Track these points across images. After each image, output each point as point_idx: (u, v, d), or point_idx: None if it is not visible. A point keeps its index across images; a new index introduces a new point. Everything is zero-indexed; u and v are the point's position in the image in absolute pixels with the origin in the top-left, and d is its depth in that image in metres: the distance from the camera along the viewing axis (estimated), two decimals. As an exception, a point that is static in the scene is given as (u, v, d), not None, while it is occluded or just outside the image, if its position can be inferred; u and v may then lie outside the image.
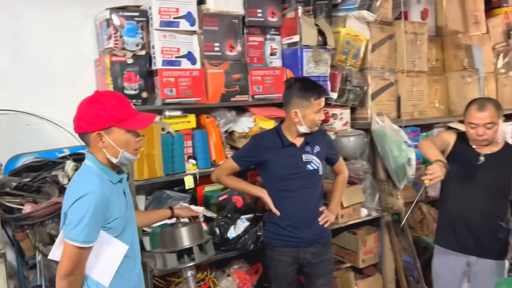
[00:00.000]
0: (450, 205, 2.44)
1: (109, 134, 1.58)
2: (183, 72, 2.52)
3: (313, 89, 2.18)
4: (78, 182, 1.58)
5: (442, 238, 2.52)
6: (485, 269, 2.37)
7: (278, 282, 2.31)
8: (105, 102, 1.57)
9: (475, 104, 2.31)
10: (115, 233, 1.59)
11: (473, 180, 2.33)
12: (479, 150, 2.37)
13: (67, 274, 1.51)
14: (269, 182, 2.30)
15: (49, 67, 2.55)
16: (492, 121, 2.26)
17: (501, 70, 3.96)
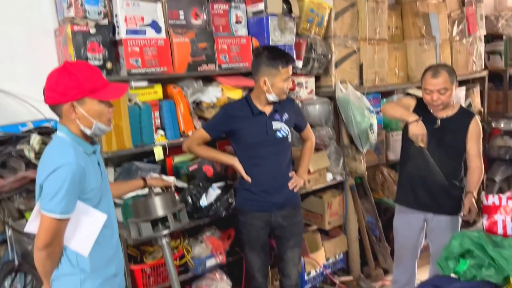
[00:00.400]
0: (409, 166, 2.58)
1: (82, 105, 1.56)
2: (148, 41, 2.47)
3: (281, 57, 2.21)
4: (53, 154, 1.56)
5: (402, 197, 2.68)
6: (441, 224, 2.56)
7: (250, 245, 2.40)
8: (76, 72, 1.54)
9: (429, 71, 2.44)
10: (92, 203, 1.60)
11: (430, 142, 2.47)
12: (436, 114, 2.51)
13: (45, 246, 1.52)
14: (240, 150, 2.35)
15: (5, 39, 2.43)
16: (445, 87, 2.38)
17: (455, 37, 4.12)
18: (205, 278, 2.71)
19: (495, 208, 2.19)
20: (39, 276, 1.73)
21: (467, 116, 2.52)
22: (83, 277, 1.61)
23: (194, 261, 2.59)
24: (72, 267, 1.60)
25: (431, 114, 2.52)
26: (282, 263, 2.48)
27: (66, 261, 1.60)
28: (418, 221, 2.64)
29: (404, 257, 2.76)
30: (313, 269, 3.14)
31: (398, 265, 2.83)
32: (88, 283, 1.61)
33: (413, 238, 2.69)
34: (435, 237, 2.61)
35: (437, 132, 2.47)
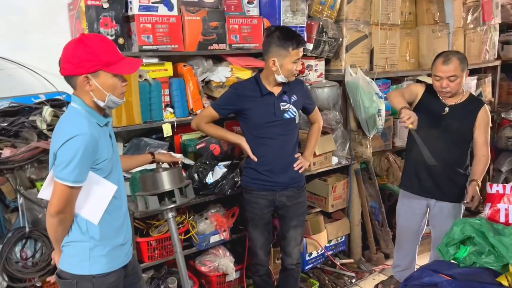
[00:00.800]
0: (414, 152, 2.59)
1: (96, 78, 1.59)
2: (160, 18, 2.49)
3: (291, 39, 2.21)
4: (67, 124, 1.59)
5: (406, 182, 2.70)
6: (443, 211, 2.59)
7: (254, 223, 2.45)
8: (92, 45, 1.56)
9: (440, 58, 2.44)
10: (103, 174, 1.64)
11: (437, 129, 2.49)
12: (445, 101, 2.51)
13: (58, 212, 1.57)
14: (247, 129, 2.38)
15: (21, 10, 2.46)
16: (455, 74, 2.38)
17: (469, 25, 4.07)
18: (209, 254, 2.78)
19: (499, 196, 2.20)
20: (49, 242, 1.79)
21: (476, 104, 2.51)
22: (92, 244, 1.66)
23: (199, 237, 2.64)
24: (82, 234, 1.66)
25: (439, 100, 2.52)
26: (285, 242, 2.53)
27: (76, 228, 1.66)
28: (420, 206, 2.66)
29: (405, 242, 2.80)
30: (314, 250, 3.20)
31: (398, 250, 2.87)
32: (97, 250, 1.67)
33: (415, 223, 2.72)
34: (437, 223, 2.64)
35: (444, 118, 2.48)
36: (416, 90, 2.64)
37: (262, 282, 2.57)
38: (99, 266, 1.67)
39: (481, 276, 1.85)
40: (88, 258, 1.65)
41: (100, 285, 1.67)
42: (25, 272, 2.19)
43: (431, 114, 2.52)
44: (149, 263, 2.54)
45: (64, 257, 1.69)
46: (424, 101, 2.59)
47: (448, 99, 2.50)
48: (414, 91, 2.64)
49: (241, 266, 2.86)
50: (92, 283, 1.66)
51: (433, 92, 2.55)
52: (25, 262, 2.21)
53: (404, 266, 2.84)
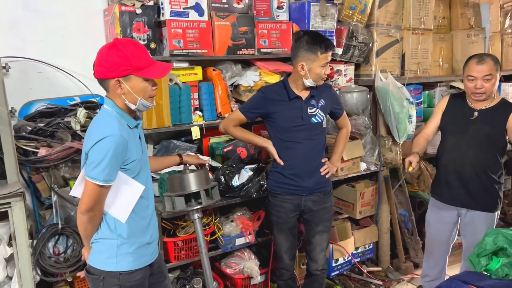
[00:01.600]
0: (444, 159, 2.54)
1: (128, 82, 1.64)
2: (191, 23, 2.55)
3: (320, 43, 2.21)
4: (99, 125, 1.66)
5: (437, 191, 2.63)
6: (474, 220, 2.49)
7: (279, 227, 2.44)
8: (124, 50, 1.62)
9: (474, 58, 2.39)
10: (132, 174, 1.69)
11: (466, 134, 2.42)
12: (474, 106, 2.45)
13: (88, 210, 1.63)
14: (274, 133, 2.39)
15: (59, 16, 2.57)
16: (491, 73, 2.32)
17: (507, 30, 3.94)
18: (234, 256, 2.80)
19: (535, 207, 2.12)
20: (80, 239, 1.86)
21: (507, 107, 2.42)
22: (120, 242, 1.71)
23: (224, 239, 2.67)
24: (111, 232, 1.71)
25: (468, 105, 2.47)
26: (310, 247, 2.51)
27: (105, 226, 1.71)
28: (451, 215, 2.59)
29: (435, 252, 2.72)
30: (341, 256, 3.16)
31: (428, 259, 2.79)
32: (124, 247, 1.71)
33: (445, 232, 2.64)
34: (468, 233, 2.55)
35: (474, 123, 2.42)
36: (440, 105, 2.62)
37: (287, 287, 2.56)
38: (125, 263, 1.72)
39: (513, 289, 1.78)
40: (115, 255, 1.70)
41: (125, 282, 1.71)
42: (57, 267, 2.28)
43: (459, 119, 2.47)
44: (175, 263, 2.58)
45: (93, 253, 1.75)
46: (451, 107, 2.55)
47: (477, 103, 2.44)
48: (437, 110, 2.62)
49: (266, 270, 2.86)
50: (119, 279, 1.70)
51: (460, 97, 2.50)
52: (57, 257, 2.30)
53: (434, 276, 2.76)
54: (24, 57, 2.47)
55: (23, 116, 2.41)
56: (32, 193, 2.45)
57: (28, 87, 2.52)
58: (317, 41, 2.22)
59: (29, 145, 2.25)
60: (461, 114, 2.46)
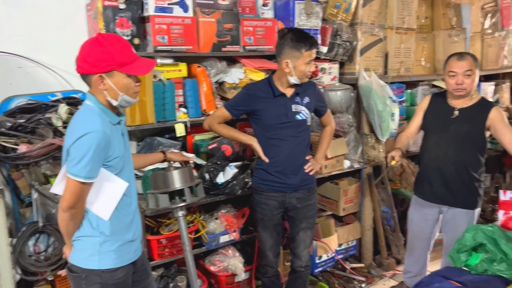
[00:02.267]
0: (426, 157, 2.58)
1: (111, 77, 1.62)
2: (175, 19, 2.52)
3: (304, 40, 2.22)
4: (80, 121, 1.63)
5: (419, 189, 2.67)
6: (456, 217, 2.54)
7: (264, 224, 2.45)
8: (108, 45, 1.59)
9: (455, 55, 2.45)
10: (115, 171, 1.67)
11: (447, 133, 2.46)
12: (454, 104, 2.49)
13: (69, 207, 1.60)
14: (259, 130, 2.39)
15: (40, 10, 2.52)
16: (471, 69, 2.37)
17: (487, 30, 4.02)
18: (218, 254, 2.79)
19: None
20: (62, 237, 1.83)
21: (486, 106, 2.46)
22: (102, 239, 1.69)
23: (209, 236, 2.66)
24: (93, 230, 1.69)
25: (448, 104, 2.51)
26: (294, 244, 2.53)
27: (87, 224, 1.69)
28: (433, 213, 2.63)
29: (417, 248, 2.77)
30: (324, 253, 3.18)
31: (410, 256, 2.84)
32: (107, 245, 1.70)
33: (427, 229, 2.69)
34: (449, 230, 2.60)
35: (454, 122, 2.46)
36: (421, 105, 2.67)
37: (271, 284, 2.57)
38: (108, 261, 1.70)
39: (492, 284, 1.83)
40: (98, 253, 1.68)
41: (108, 280, 1.69)
42: (38, 266, 2.24)
43: (440, 118, 2.52)
44: (159, 261, 2.56)
45: (75, 251, 1.72)
46: (432, 106, 2.60)
47: (457, 102, 2.48)
48: (419, 110, 2.66)
49: (250, 267, 2.86)
50: (101, 277, 1.68)
51: (441, 97, 2.55)
52: (37, 256, 2.26)
53: (415, 272, 2.81)
54: (4, 51, 2.41)
55: (3, 111, 2.34)
56: (11, 191, 2.39)
57: (8, 82, 2.45)
58: (302, 38, 2.23)
59: (8, 141, 2.20)
60: (442, 113, 2.51)
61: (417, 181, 2.73)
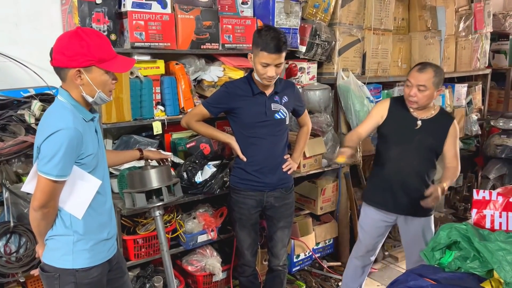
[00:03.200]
0: (388, 169, 2.48)
1: (88, 73, 1.58)
2: (153, 15, 2.48)
3: (266, 40, 2.13)
4: (52, 118, 1.58)
5: (378, 199, 2.54)
6: (416, 226, 2.50)
7: (242, 223, 2.44)
8: (88, 39, 1.55)
9: (418, 65, 2.38)
10: (88, 169, 1.64)
11: (411, 144, 2.41)
12: (416, 114, 2.43)
13: (41, 206, 1.56)
14: (237, 129, 2.37)
15: (11, 3, 2.44)
16: (425, 85, 2.30)
17: (461, 33, 4.12)
18: (196, 253, 2.77)
19: (485, 202, 2.21)
20: (34, 238, 1.78)
21: (447, 119, 2.46)
22: (76, 238, 1.65)
23: (186, 236, 2.63)
24: (66, 229, 1.65)
25: (410, 114, 2.44)
26: (272, 243, 2.52)
27: (60, 223, 1.65)
28: (388, 221, 2.57)
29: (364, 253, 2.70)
30: (302, 252, 3.20)
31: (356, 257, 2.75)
32: (80, 244, 1.66)
33: (378, 238, 2.63)
34: (409, 237, 2.56)
35: (417, 133, 2.41)
36: (379, 110, 2.52)
37: (249, 283, 2.57)
38: (81, 260, 1.66)
39: (465, 281, 1.86)
40: (72, 252, 1.65)
41: (82, 279, 1.66)
42: (9, 267, 2.17)
43: (403, 129, 2.45)
44: (135, 261, 2.52)
45: (48, 250, 1.68)
46: (393, 114, 2.49)
47: (419, 112, 2.43)
48: (375, 113, 2.53)
49: (228, 267, 2.85)
50: (75, 276, 1.65)
51: (400, 104, 2.46)
52: (8, 257, 2.19)
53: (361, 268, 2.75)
54: (-28, 45, 2.34)
55: (-28, 108, 2.27)
56: (-19, 190, 2.31)
57: (-23, 77, 2.38)
58: (265, 37, 2.15)
59: (-22, 138, 2.13)
60: (404, 123, 2.43)
61: (373, 190, 2.59)
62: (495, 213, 2.18)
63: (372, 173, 2.68)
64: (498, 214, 2.18)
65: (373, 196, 2.58)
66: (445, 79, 4.19)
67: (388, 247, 3.72)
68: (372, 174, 2.66)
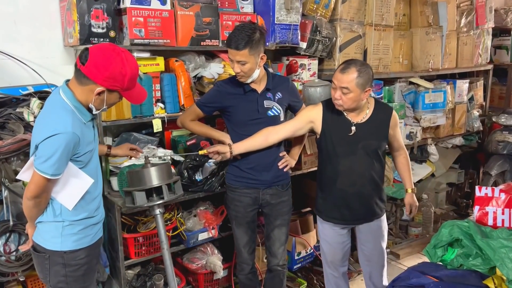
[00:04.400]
0: (340, 183, 2.31)
1: (109, 94, 1.67)
2: (153, 12, 2.46)
3: (231, 37, 2.14)
4: (52, 118, 1.63)
5: (334, 215, 2.37)
6: (372, 229, 2.42)
7: (238, 221, 2.43)
8: (127, 68, 1.64)
9: (342, 64, 2.17)
10: (82, 164, 1.71)
11: (357, 154, 2.25)
12: (350, 118, 2.25)
13: (34, 197, 1.66)
14: (231, 127, 2.36)
15: (11, 1, 2.42)
16: (347, 87, 2.09)
17: (463, 28, 4.09)
18: (197, 251, 2.76)
19: (487, 199, 2.19)
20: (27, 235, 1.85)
21: (384, 112, 2.31)
22: (65, 224, 1.77)
23: (187, 234, 2.62)
24: (55, 217, 1.75)
25: (344, 117, 2.25)
26: (269, 242, 2.51)
27: (50, 211, 1.75)
28: (347, 231, 2.45)
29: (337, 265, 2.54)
30: (303, 249, 3.19)
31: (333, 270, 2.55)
32: (68, 228, 1.76)
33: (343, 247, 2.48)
34: (369, 241, 2.46)
35: (354, 140, 2.24)
36: (309, 116, 2.30)
37: (247, 281, 2.55)
38: (69, 243, 1.76)
39: (467, 279, 1.85)
40: (60, 236, 1.74)
41: (70, 260, 1.77)
42: (8, 266, 2.16)
43: (341, 138, 2.26)
44: (136, 259, 2.52)
45: (38, 232, 1.79)
46: (328, 122, 2.28)
47: (352, 115, 2.24)
48: (305, 119, 2.31)
49: (229, 264, 2.84)
50: (63, 258, 1.75)
51: (334, 111, 2.25)
52: (8, 256, 2.18)
53: None
54: (-29, 42, 2.32)
55: (-30, 106, 2.25)
56: (-20, 188, 2.30)
57: (-25, 75, 2.36)
58: (231, 34, 2.16)
59: (-24, 137, 2.11)
60: (340, 130, 2.25)
61: (327, 206, 2.38)
62: (498, 210, 2.17)
63: (321, 187, 2.42)
64: (501, 211, 2.17)
65: (329, 212, 2.39)
66: (447, 75, 4.25)
67: (389, 244, 3.71)
68: (322, 189, 2.41)
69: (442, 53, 3.86)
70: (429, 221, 4.04)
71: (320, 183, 2.42)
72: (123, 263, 2.46)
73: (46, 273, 1.79)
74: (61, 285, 1.78)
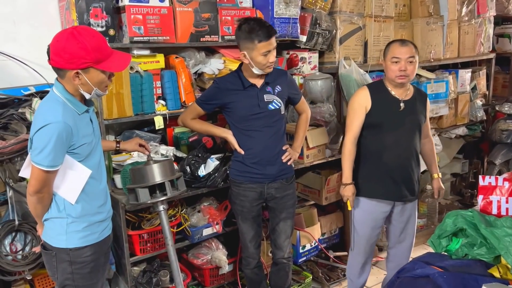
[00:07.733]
0: (386, 157, 2.42)
1: (86, 74, 1.63)
2: (151, 9, 2.46)
3: (257, 31, 2.14)
4: (43, 111, 1.65)
5: (379, 190, 2.45)
6: (407, 209, 2.51)
7: (244, 216, 2.43)
8: (84, 41, 1.59)
9: (396, 42, 2.42)
10: (81, 158, 1.71)
11: (403, 128, 2.41)
12: (397, 95, 2.42)
13: (36, 192, 1.66)
14: (233, 123, 2.36)
15: (10, 1, 2.43)
16: (413, 55, 2.34)
17: (464, 17, 4.05)
18: (202, 247, 2.77)
19: (491, 188, 2.19)
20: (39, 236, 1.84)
21: (421, 94, 2.55)
22: (70, 220, 1.76)
23: (191, 230, 2.63)
24: (59, 212, 1.75)
25: (392, 96, 2.42)
26: (275, 235, 2.52)
27: (54, 206, 1.76)
28: (385, 212, 2.51)
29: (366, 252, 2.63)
30: (308, 243, 3.19)
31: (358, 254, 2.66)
32: (73, 225, 1.76)
33: (378, 230, 2.57)
34: (397, 221, 2.55)
35: (404, 116, 2.41)
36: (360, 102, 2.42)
37: (253, 275, 2.56)
38: (74, 240, 1.77)
39: (473, 268, 1.85)
40: (65, 233, 1.75)
41: (76, 257, 1.77)
42: (15, 266, 2.18)
43: (392, 114, 2.41)
44: (141, 256, 2.53)
45: (46, 230, 1.80)
46: (376, 102, 2.41)
47: (400, 92, 2.42)
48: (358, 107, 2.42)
49: (234, 259, 2.85)
50: (69, 255, 1.76)
51: (380, 89, 2.43)
52: (15, 255, 2.20)
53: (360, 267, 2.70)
54: (-29, 44, 2.33)
55: (-28, 107, 2.27)
56: (-15, 189, 2.32)
57: (-23, 77, 2.38)
58: (254, 29, 2.15)
59: (-20, 138, 2.13)
60: (390, 107, 2.41)
61: (372, 182, 2.46)
62: (502, 199, 2.17)
63: (364, 165, 2.50)
64: (505, 200, 2.16)
65: (373, 188, 2.46)
66: (449, 65, 4.22)
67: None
68: (365, 167, 2.49)
69: (443, 43, 3.83)
70: (434, 212, 4.04)
71: (365, 162, 2.51)
72: (128, 260, 2.47)
73: (54, 271, 1.81)
74: (68, 282, 1.80)
